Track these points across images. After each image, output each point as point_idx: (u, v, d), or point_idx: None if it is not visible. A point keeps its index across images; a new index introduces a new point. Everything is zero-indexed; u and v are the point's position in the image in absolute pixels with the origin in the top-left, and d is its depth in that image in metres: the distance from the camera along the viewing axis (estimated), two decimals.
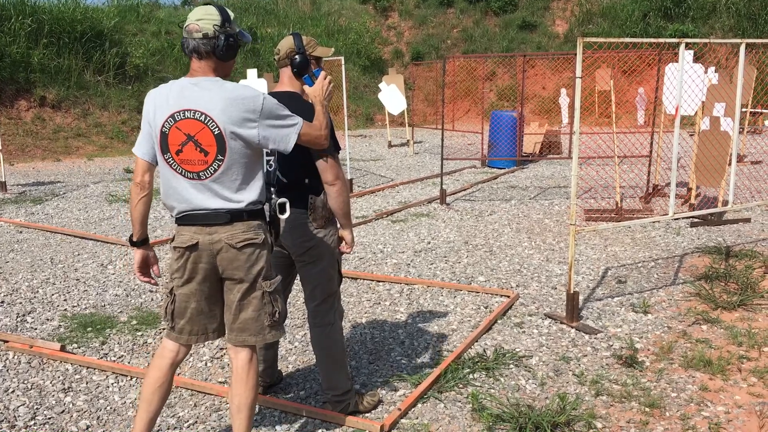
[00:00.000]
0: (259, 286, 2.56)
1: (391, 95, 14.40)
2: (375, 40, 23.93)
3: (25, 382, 3.58)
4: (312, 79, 2.86)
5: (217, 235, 2.49)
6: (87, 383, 3.57)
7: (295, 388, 3.51)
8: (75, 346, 4.07)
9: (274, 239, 2.70)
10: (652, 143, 8.14)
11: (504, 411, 3.15)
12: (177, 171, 2.48)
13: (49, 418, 3.21)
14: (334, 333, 3.11)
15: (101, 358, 3.89)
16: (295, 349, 4.00)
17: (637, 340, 4.10)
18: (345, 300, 4.79)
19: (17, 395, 3.43)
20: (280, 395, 3.42)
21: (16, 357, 3.88)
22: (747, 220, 7.25)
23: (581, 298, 4.84)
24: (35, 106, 14.71)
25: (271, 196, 2.69)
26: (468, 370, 3.63)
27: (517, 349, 3.97)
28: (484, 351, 3.93)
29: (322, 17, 24.16)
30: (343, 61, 9.14)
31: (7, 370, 3.72)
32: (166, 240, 6.42)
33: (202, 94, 2.43)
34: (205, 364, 3.81)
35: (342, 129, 9.83)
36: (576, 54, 4.23)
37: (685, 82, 6.77)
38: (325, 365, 3.13)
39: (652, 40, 4.59)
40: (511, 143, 11.54)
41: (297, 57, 2.89)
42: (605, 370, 3.69)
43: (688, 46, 7.91)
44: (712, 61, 18.30)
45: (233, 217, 2.50)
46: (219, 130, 2.41)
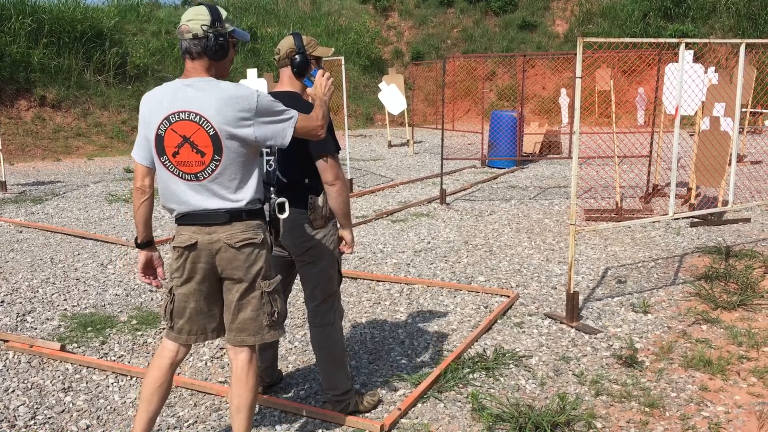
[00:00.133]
0: (258, 286, 2.56)
1: (391, 95, 14.39)
2: (375, 40, 23.92)
3: (25, 381, 3.58)
4: (311, 79, 2.86)
5: (216, 234, 2.49)
6: (87, 383, 3.57)
7: (295, 388, 3.51)
8: (75, 345, 4.07)
9: (274, 239, 2.70)
10: (652, 143, 8.13)
11: (504, 411, 3.15)
12: (174, 173, 2.48)
13: (49, 418, 3.21)
14: (334, 333, 3.11)
15: (101, 358, 3.89)
16: (295, 349, 4.00)
17: (637, 340, 4.10)
18: (345, 300, 4.79)
19: (17, 395, 3.43)
20: (280, 395, 3.42)
21: (16, 356, 3.88)
22: (747, 220, 7.25)
23: (581, 297, 4.85)
24: (35, 105, 14.72)
25: (271, 195, 2.68)
26: (468, 370, 3.63)
27: (517, 349, 3.97)
28: (484, 351, 3.93)
29: (322, 17, 24.16)
30: (343, 61, 9.15)
31: (7, 370, 3.72)
32: (165, 240, 6.42)
33: (195, 95, 2.42)
34: (205, 364, 3.81)
35: (342, 129, 9.83)
36: (576, 54, 4.23)
37: (685, 82, 6.77)
38: (325, 365, 3.13)
39: (652, 40, 4.58)
40: (511, 143, 11.54)
41: (297, 57, 2.89)
42: (605, 370, 3.69)
43: (688, 46, 7.91)
44: (712, 61, 18.30)
45: (232, 216, 2.49)
46: (214, 130, 2.40)
